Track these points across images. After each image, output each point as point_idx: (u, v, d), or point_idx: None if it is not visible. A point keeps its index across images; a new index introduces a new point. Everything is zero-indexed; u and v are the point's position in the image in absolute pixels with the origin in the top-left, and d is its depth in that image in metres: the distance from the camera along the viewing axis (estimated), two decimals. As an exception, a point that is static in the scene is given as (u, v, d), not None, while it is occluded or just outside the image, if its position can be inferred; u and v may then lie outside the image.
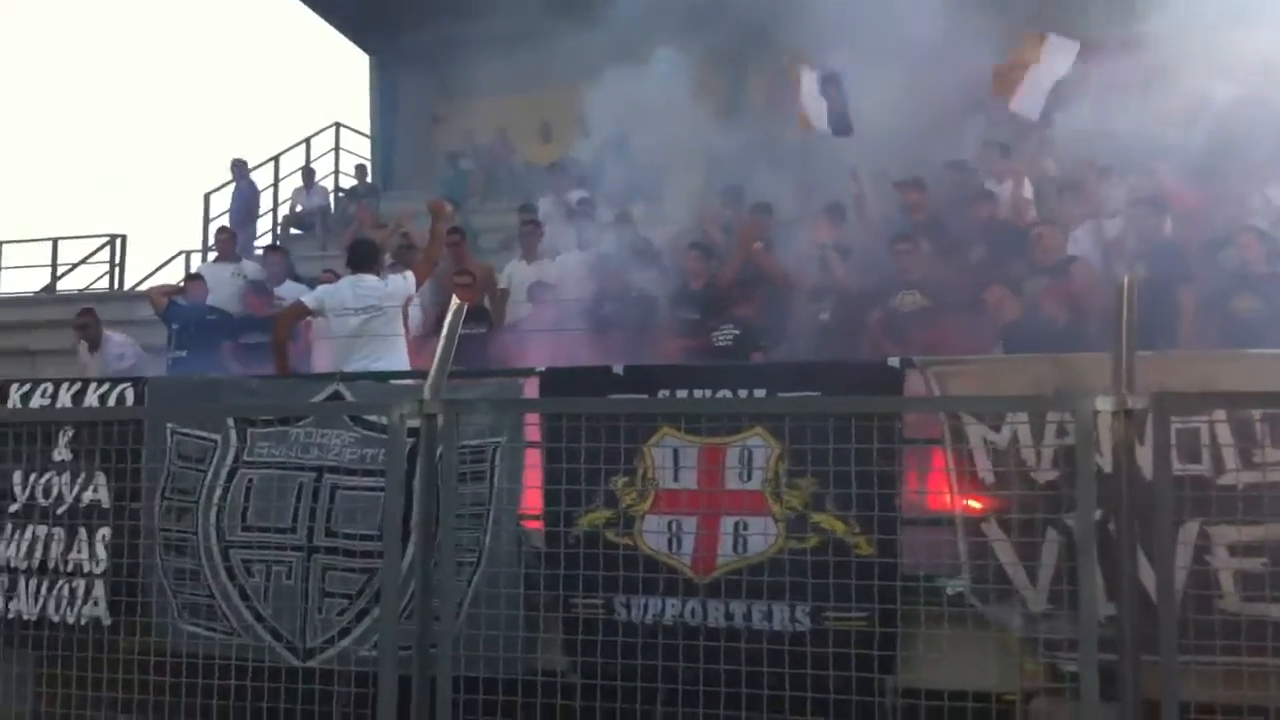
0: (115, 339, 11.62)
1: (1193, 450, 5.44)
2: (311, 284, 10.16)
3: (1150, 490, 5.50)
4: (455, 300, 5.18)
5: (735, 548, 6.02)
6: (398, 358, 7.93)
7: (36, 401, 7.13)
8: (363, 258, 8.50)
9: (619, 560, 6.07)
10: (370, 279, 8.36)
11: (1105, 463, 5.50)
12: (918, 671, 5.74)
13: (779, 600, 5.89)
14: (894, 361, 6.05)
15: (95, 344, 11.54)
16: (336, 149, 19.80)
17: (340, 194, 19.01)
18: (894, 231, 9.63)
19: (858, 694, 5.60)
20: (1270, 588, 5.31)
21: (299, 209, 18.35)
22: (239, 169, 17.37)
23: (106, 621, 6.92)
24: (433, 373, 4.88)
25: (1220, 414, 5.39)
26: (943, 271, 9.07)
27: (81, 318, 11.76)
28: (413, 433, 5.80)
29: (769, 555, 5.96)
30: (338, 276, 9.28)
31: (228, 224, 15.41)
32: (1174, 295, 8.04)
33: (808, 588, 5.76)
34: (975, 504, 5.80)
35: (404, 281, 8.44)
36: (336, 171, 19.68)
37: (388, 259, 10.01)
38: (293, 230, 18.12)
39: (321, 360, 8.64)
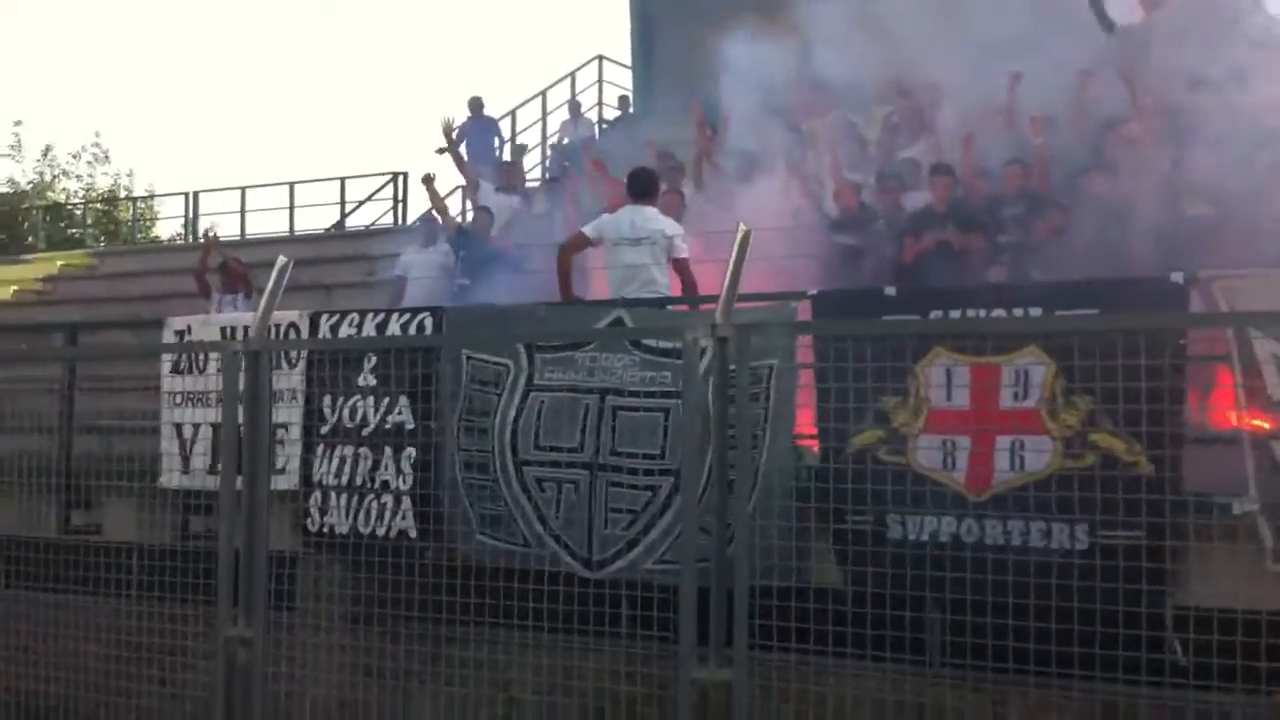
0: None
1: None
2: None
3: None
4: (742, 227, 5.36)
5: (1012, 465, 6.06)
6: (664, 287, 8.19)
7: (344, 331, 7.73)
8: (643, 188, 8.73)
9: (889, 477, 6.19)
10: (649, 210, 8.60)
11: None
12: (1197, 591, 5.68)
13: (1057, 518, 5.91)
14: (1177, 277, 5.93)
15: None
16: (600, 81, 20.24)
17: (605, 125, 19.45)
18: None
19: (1135, 611, 5.58)
20: None
21: (565, 142, 18.87)
22: (474, 106, 17.92)
23: (413, 534, 7.49)
24: (723, 297, 5.10)
25: None
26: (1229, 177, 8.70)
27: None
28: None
29: (1046, 474, 5.97)
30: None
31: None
32: None
33: (1086, 505, 5.77)
34: (1262, 422, 5.67)
35: (676, 225, 8.65)
36: (600, 104, 20.14)
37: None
38: (564, 163, 18.66)
39: (601, 288, 8.98)
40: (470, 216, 12.75)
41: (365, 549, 7.46)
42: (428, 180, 12.40)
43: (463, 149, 16.71)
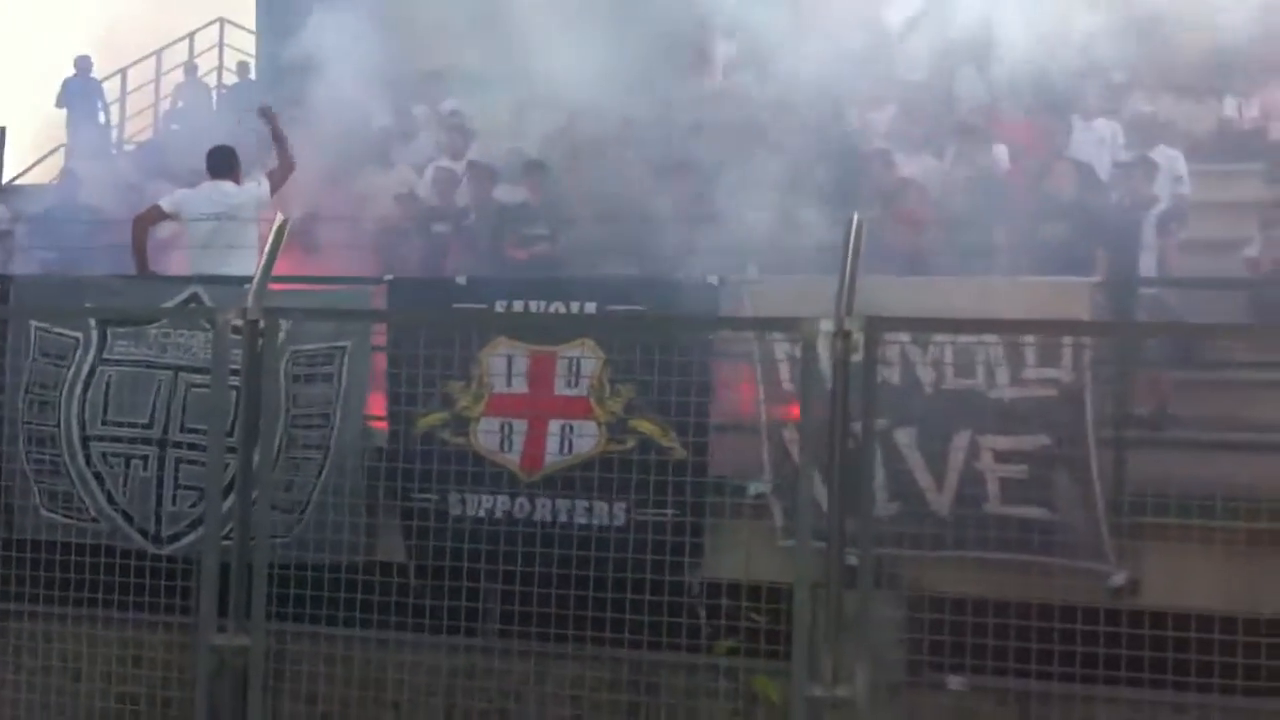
0: None
1: (968, 367, 6.09)
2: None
3: (929, 402, 6.22)
4: (280, 217, 5.58)
5: (562, 448, 6.55)
6: (248, 264, 8.24)
7: (-101, 299, 7.37)
8: (221, 164, 8.76)
9: (452, 458, 6.56)
10: (228, 185, 8.65)
11: (893, 375, 6.17)
12: (720, 565, 6.33)
13: (600, 497, 6.44)
14: (712, 279, 6.57)
15: None
16: (221, 45, 19.69)
17: (222, 91, 18.95)
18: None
19: (669, 583, 6.17)
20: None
21: (180, 105, 18.31)
22: (80, 65, 17.27)
23: (-29, 509, 7.25)
24: (255, 282, 5.29)
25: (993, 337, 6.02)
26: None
27: None
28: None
29: (591, 455, 6.48)
30: None
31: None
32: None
33: (626, 485, 6.32)
34: (776, 413, 6.37)
35: (258, 189, 8.74)
36: (220, 68, 19.59)
37: None
38: (173, 126, 18.08)
39: (180, 264, 8.93)
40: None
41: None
42: None
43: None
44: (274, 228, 5.57)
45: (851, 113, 10.93)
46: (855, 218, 5.02)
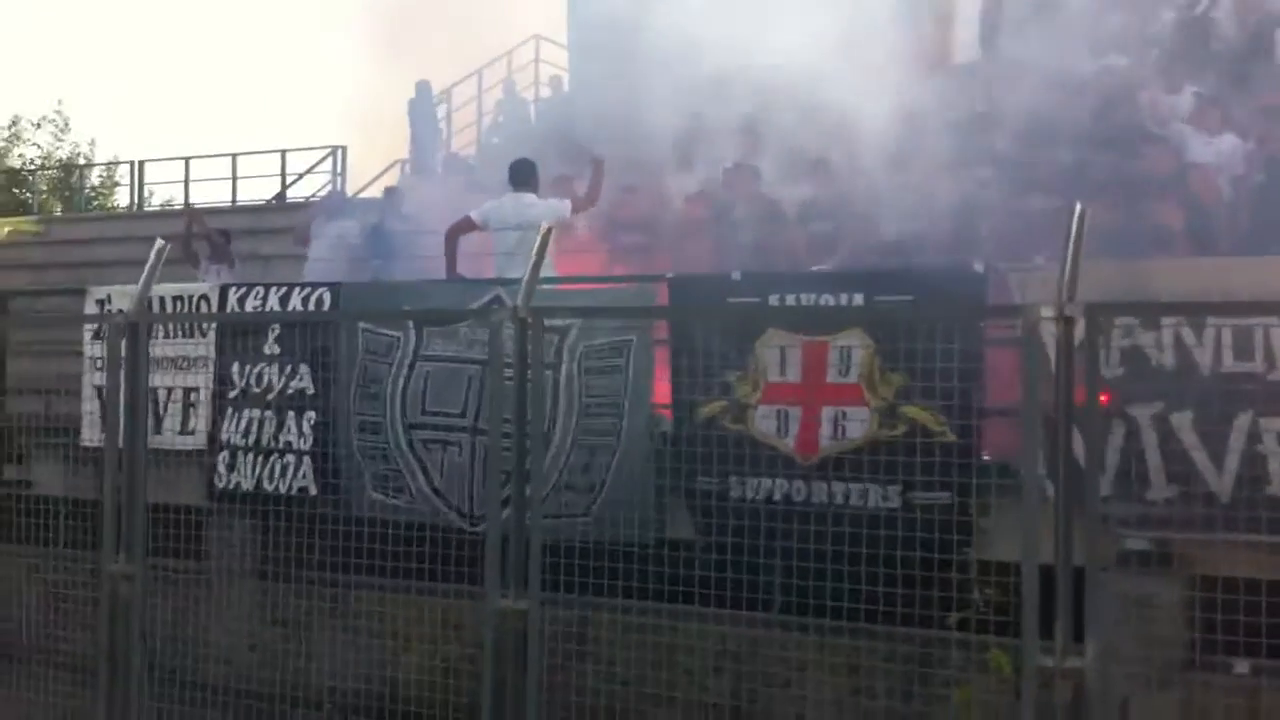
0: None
1: (1246, 350, 5.98)
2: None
3: (1207, 385, 6.13)
4: (544, 226, 6.13)
5: (835, 433, 6.81)
6: (548, 269, 8.86)
7: (250, 304, 8.38)
8: (522, 176, 9.43)
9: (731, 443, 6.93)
10: (529, 197, 9.30)
11: (1166, 358, 6.13)
12: (992, 546, 6.44)
13: (873, 480, 6.67)
14: (978, 267, 6.68)
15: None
16: (536, 61, 20.80)
17: (539, 105, 20.01)
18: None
19: (940, 565, 6.36)
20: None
21: (500, 120, 19.48)
22: (420, 88, 18.58)
23: (313, 491, 8.18)
24: (524, 285, 5.79)
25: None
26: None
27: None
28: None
29: (864, 441, 6.72)
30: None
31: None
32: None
33: (898, 468, 6.53)
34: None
35: (560, 204, 9.37)
36: (536, 83, 20.70)
37: None
38: (494, 140, 19.26)
39: (489, 269, 9.66)
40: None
41: (269, 504, 8.14)
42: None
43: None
44: (540, 235, 6.09)
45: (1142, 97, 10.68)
46: (1078, 206, 5.07)
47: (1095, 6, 13.50)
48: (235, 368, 8.29)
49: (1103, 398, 6.46)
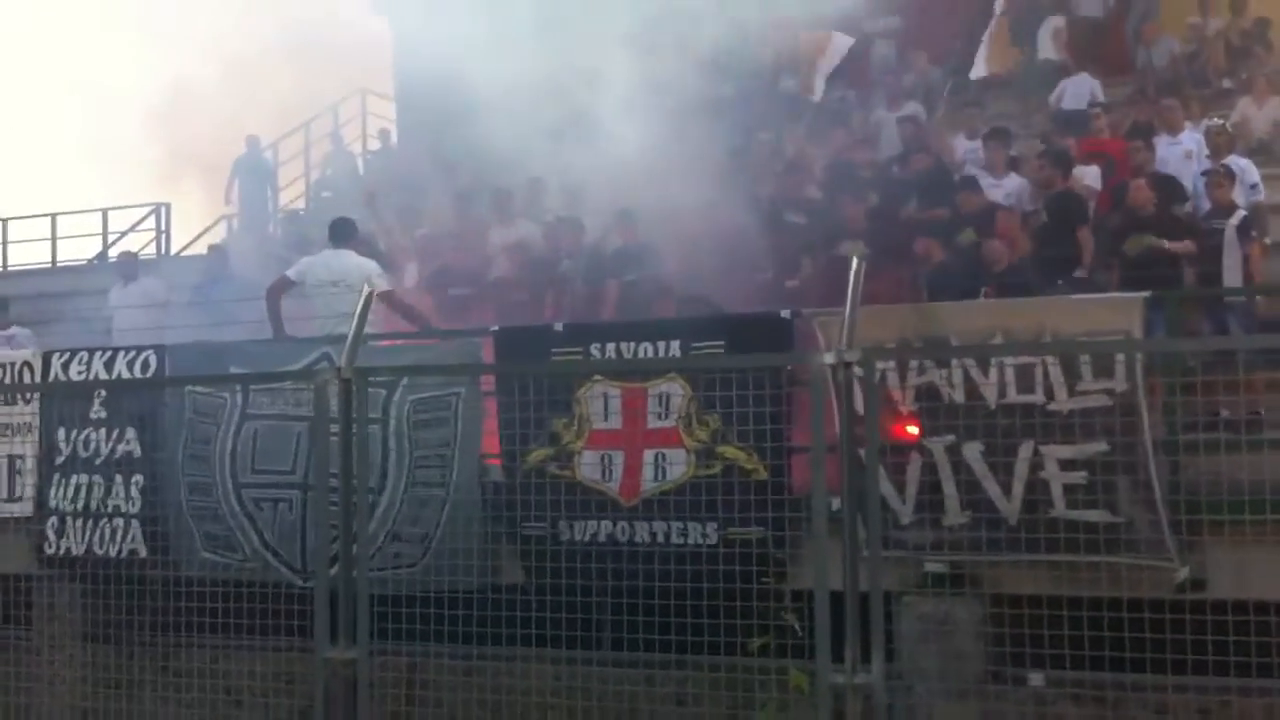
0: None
1: (1028, 384, 6.50)
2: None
3: (995, 416, 6.63)
4: (366, 289, 6.38)
5: (656, 476, 7.14)
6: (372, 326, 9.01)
7: (74, 368, 8.35)
8: (341, 233, 9.57)
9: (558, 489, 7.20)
10: (347, 253, 9.42)
11: (956, 393, 6.62)
12: (807, 577, 6.80)
13: (693, 518, 7.01)
14: (785, 313, 7.11)
15: None
16: (364, 114, 20.90)
17: (367, 157, 20.12)
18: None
19: (758, 597, 6.70)
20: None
21: (329, 172, 19.50)
22: (250, 143, 18.55)
23: (143, 554, 8.17)
24: (347, 346, 6.00)
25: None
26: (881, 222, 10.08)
27: None
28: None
29: (683, 481, 7.06)
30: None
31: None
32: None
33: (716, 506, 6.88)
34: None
35: (369, 263, 9.48)
36: (364, 135, 20.79)
37: None
38: (324, 193, 19.27)
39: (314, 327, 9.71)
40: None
41: (99, 568, 8.11)
42: None
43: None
44: (362, 297, 6.31)
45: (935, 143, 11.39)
46: (854, 259, 5.53)
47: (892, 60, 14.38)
48: (61, 433, 8.25)
49: (912, 431, 6.99)
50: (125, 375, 8.27)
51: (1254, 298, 8.65)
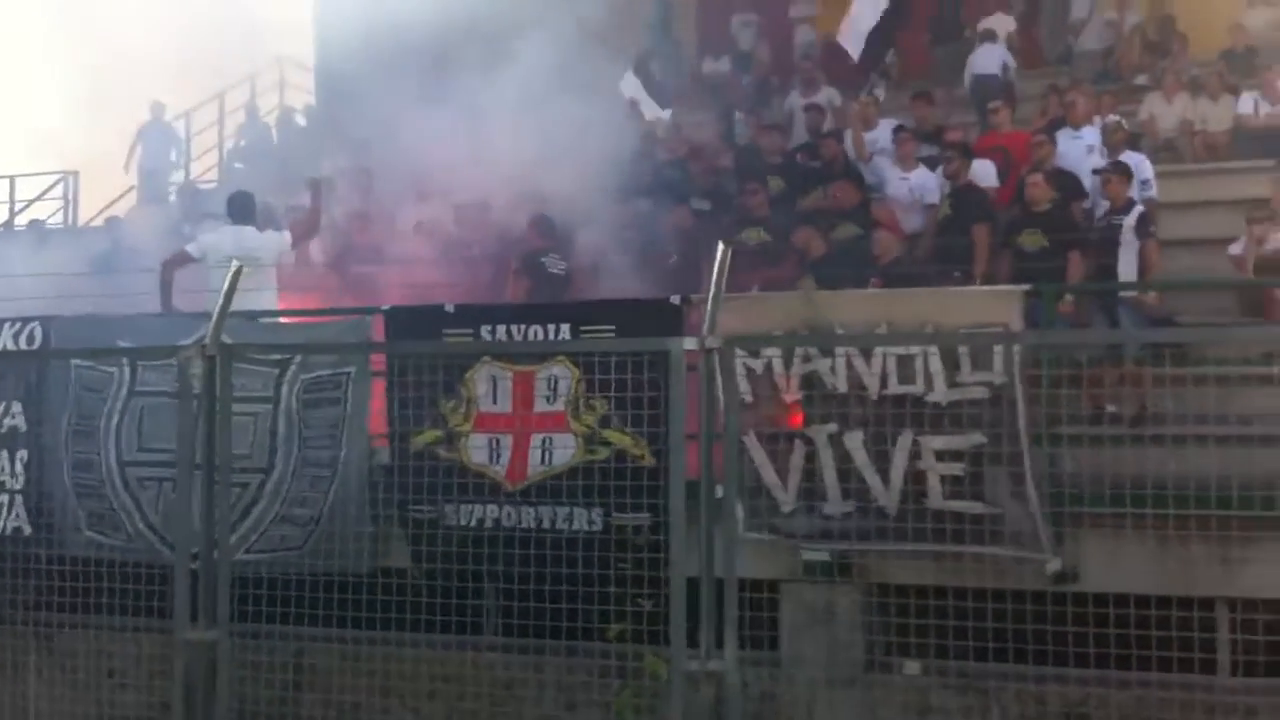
0: None
1: (908, 374, 6.56)
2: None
3: (876, 407, 6.69)
4: (234, 265, 6.30)
5: (543, 460, 7.12)
6: (270, 303, 8.93)
7: (-38, 339, 8.17)
8: (241, 210, 9.46)
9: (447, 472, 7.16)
10: (248, 230, 9.32)
11: (839, 382, 6.67)
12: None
13: (580, 503, 7.00)
14: (675, 299, 7.12)
15: None
16: (281, 85, 20.58)
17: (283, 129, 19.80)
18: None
19: (648, 585, 6.71)
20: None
21: (243, 144, 19.19)
22: (155, 110, 18.22)
23: (27, 532, 8.02)
24: (212, 322, 5.93)
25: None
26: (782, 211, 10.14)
27: None
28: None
29: (570, 466, 7.05)
30: None
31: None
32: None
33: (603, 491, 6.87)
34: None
35: (279, 236, 9.45)
36: (281, 106, 20.47)
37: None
38: (236, 164, 18.97)
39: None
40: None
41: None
42: None
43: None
44: (229, 274, 6.23)
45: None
46: (721, 246, 5.56)
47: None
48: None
49: (795, 419, 7.04)
50: (10, 347, 8.10)
51: (1146, 292, 8.77)
